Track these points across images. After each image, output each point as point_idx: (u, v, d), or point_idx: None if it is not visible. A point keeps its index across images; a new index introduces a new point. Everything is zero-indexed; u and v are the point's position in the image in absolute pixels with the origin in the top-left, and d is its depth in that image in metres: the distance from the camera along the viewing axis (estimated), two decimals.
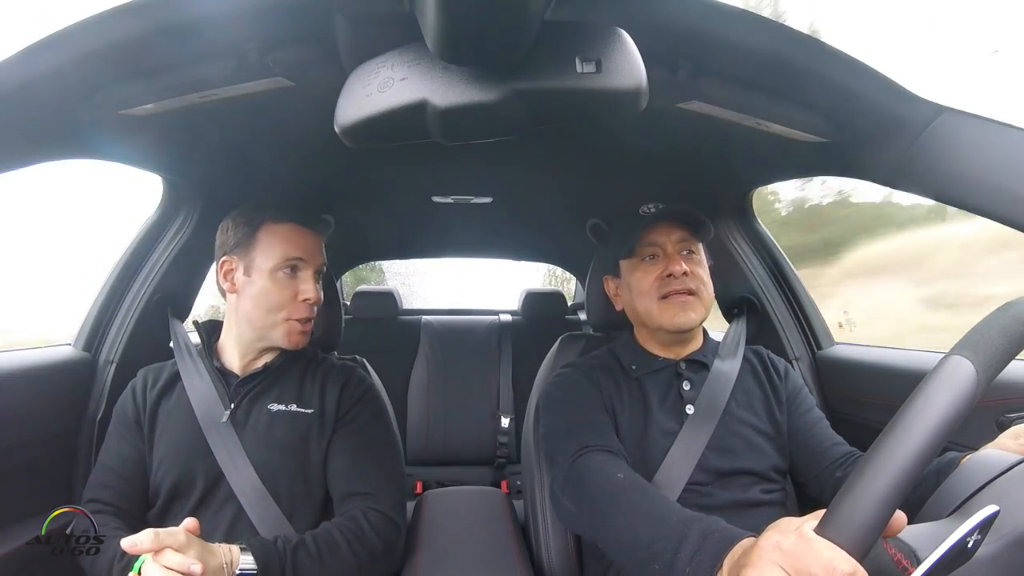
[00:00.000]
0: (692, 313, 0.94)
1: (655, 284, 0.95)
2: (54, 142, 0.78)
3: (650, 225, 0.96)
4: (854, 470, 0.37)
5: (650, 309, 0.96)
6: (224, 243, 0.98)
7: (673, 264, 0.94)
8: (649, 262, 0.97)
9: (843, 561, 0.34)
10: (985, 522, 0.37)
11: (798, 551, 0.36)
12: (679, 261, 0.94)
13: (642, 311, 0.98)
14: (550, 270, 4.90)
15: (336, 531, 0.86)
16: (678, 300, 0.94)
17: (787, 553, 0.37)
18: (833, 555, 0.35)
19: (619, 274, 1.05)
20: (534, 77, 0.50)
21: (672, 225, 0.97)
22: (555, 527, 1.05)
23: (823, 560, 0.35)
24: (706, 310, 0.97)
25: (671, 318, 0.94)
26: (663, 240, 0.97)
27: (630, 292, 1.00)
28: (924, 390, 0.37)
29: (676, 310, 0.94)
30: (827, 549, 0.35)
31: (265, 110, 0.83)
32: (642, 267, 0.98)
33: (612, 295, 1.08)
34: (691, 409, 0.94)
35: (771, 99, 0.73)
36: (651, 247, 0.97)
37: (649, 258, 0.97)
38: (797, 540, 0.37)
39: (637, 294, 0.98)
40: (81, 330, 1.20)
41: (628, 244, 0.98)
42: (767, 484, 0.92)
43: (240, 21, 0.60)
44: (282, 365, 1.00)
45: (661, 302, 0.95)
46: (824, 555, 0.35)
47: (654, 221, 0.96)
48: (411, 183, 1.39)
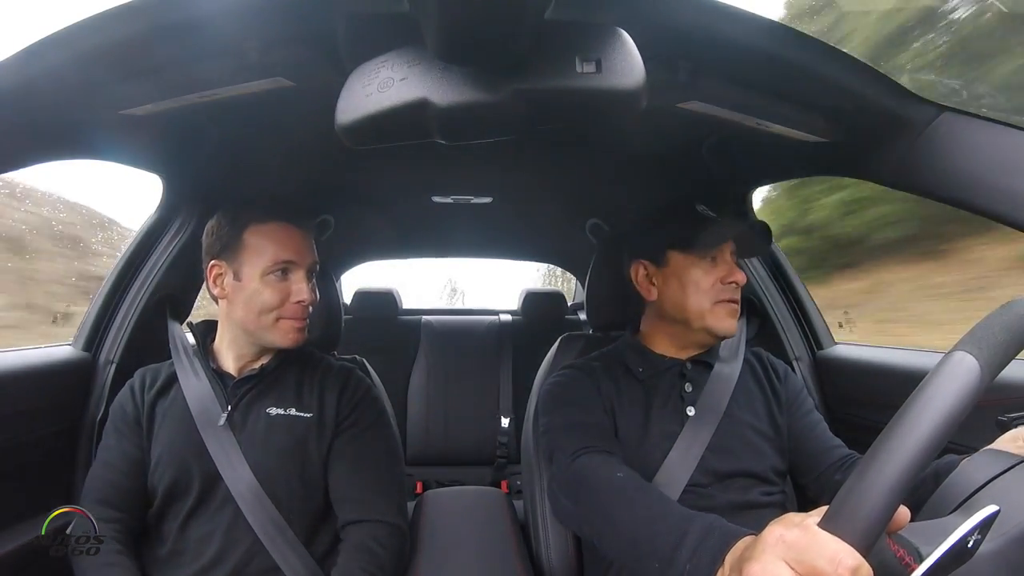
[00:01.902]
0: (736, 321, 0.96)
1: (714, 287, 0.95)
2: (54, 142, 0.78)
3: (719, 230, 0.96)
4: (859, 464, 0.37)
5: (702, 309, 0.95)
6: (211, 246, 0.96)
7: (736, 273, 0.95)
8: (711, 264, 0.96)
9: (848, 554, 0.34)
10: (985, 522, 0.37)
11: (802, 544, 0.36)
12: (740, 272, 0.95)
13: (692, 308, 0.95)
14: (550, 270, 4.90)
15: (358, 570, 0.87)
16: (730, 307, 0.95)
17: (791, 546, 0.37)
18: (838, 548, 0.35)
19: (663, 263, 0.99)
20: (534, 77, 0.50)
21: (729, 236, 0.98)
22: (555, 527, 1.05)
23: (827, 553, 0.35)
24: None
25: (720, 323, 0.94)
26: (724, 246, 0.97)
27: (681, 286, 0.97)
28: (929, 385, 0.37)
29: (726, 316, 0.94)
30: (832, 542, 0.35)
31: (265, 110, 0.83)
32: (702, 265, 0.96)
33: (642, 282, 1.02)
34: (692, 411, 0.94)
35: (771, 99, 0.74)
36: (717, 250, 0.97)
37: (711, 260, 0.96)
38: (801, 533, 0.37)
39: (693, 290, 0.95)
40: (81, 330, 1.20)
41: (694, 240, 0.96)
42: (767, 486, 0.93)
43: (240, 21, 0.60)
44: (279, 367, 0.99)
45: (715, 305, 0.95)
46: (829, 548, 0.35)
47: (723, 228, 0.96)
48: (411, 183, 1.39)
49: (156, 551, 0.92)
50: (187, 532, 0.91)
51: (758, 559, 0.38)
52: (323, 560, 0.93)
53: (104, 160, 0.92)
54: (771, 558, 0.37)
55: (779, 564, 0.37)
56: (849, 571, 0.34)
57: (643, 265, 1.02)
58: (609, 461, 0.82)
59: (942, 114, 0.66)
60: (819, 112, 0.75)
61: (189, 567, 0.89)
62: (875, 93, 0.67)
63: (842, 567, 0.34)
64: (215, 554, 0.89)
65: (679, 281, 0.97)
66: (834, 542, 0.35)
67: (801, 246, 4.15)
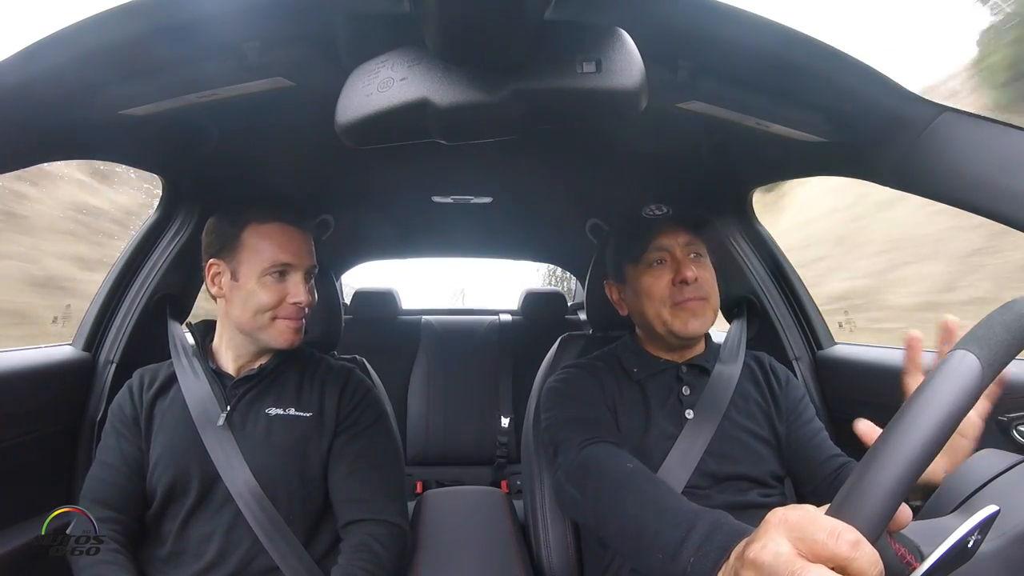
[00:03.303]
0: (704, 319, 0.93)
1: (667, 291, 0.93)
2: (54, 142, 0.78)
3: (658, 229, 0.95)
4: (860, 462, 0.37)
5: (661, 315, 0.94)
6: (209, 245, 0.96)
7: (685, 270, 0.91)
8: (658, 267, 0.94)
9: (848, 530, 0.35)
10: (985, 522, 0.37)
11: (804, 522, 0.37)
12: (690, 266, 0.92)
13: (652, 317, 0.95)
14: (550, 270, 4.90)
15: (358, 570, 0.86)
16: (690, 307, 0.92)
17: (793, 526, 0.37)
18: (838, 523, 0.35)
19: (622, 279, 1.01)
20: (534, 77, 0.50)
21: (678, 228, 0.95)
22: (555, 527, 1.05)
23: (828, 527, 0.35)
24: (715, 314, 0.96)
25: (683, 325, 0.92)
26: (671, 244, 0.94)
27: (637, 298, 0.97)
28: (931, 383, 0.37)
29: (688, 317, 0.92)
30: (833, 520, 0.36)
31: (265, 110, 0.83)
32: (651, 272, 0.95)
33: (615, 300, 1.05)
34: (691, 414, 0.94)
35: (771, 99, 0.73)
36: (659, 252, 0.94)
37: (658, 263, 0.95)
38: (803, 513, 0.38)
39: (647, 300, 0.95)
40: (81, 330, 1.20)
41: (635, 250, 0.96)
42: (765, 489, 0.92)
43: (240, 21, 0.60)
44: (278, 367, 0.99)
45: (673, 308, 0.93)
46: (829, 523, 0.35)
47: (663, 226, 0.94)
48: (411, 183, 1.39)
49: (156, 552, 0.92)
50: (187, 533, 0.91)
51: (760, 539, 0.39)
52: (323, 560, 0.93)
53: (104, 160, 0.93)
54: (773, 536, 0.38)
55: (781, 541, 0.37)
56: (849, 544, 0.34)
57: (611, 285, 1.06)
58: (618, 452, 0.82)
59: (942, 114, 0.66)
60: (819, 112, 0.75)
61: (189, 568, 0.89)
62: (875, 93, 0.67)
63: (841, 539, 0.34)
64: (215, 555, 0.89)
65: (635, 293, 0.98)
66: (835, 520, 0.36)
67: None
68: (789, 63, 0.65)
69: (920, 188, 0.71)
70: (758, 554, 0.38)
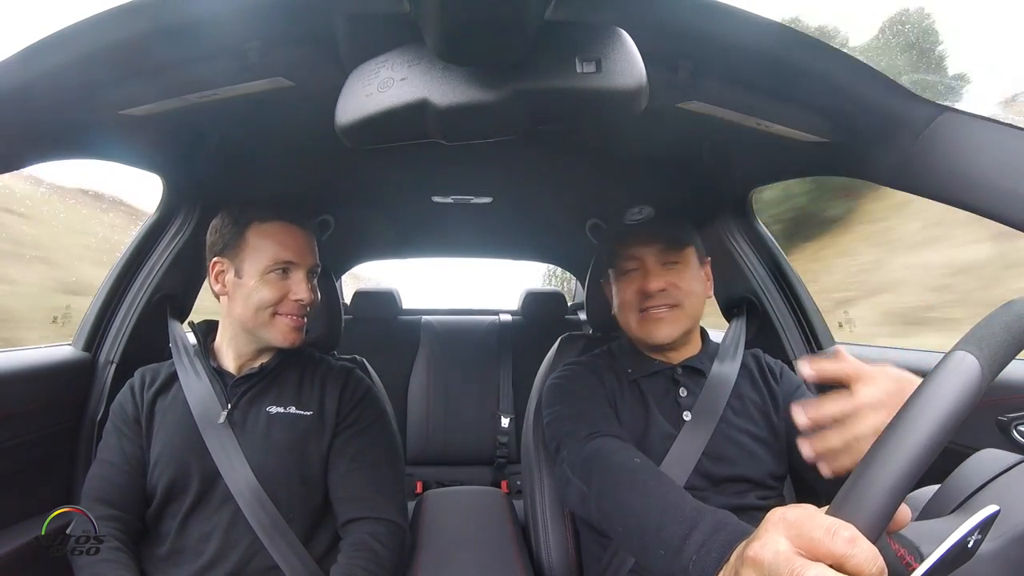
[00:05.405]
0: (670, 327, 0.94)
1: (635, 298, 0.95)
2: (54, 142, 0.78)
3: (634, 238, 0.96)
4: (860, 462, 0.37)
5: (629, 322, 0.98)
6: (214, 244, 0.98)
7: (649, 282, 0.93)
8: (630, 274, 0.97)
9: (845, 527, 0.35)
10: (985, 522, 0.37)
11: (802, 520, 0.37)
12: (656, 277, 0.93)
13: (622, 322, 1.00)
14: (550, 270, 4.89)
15: (358, 568, 0.86)
16: (655, 315, 0.94)
17: (791, 523, 0.38)
18: (835, 521, 0.36)
19: (606, 282, 1.06)
20: (534, 77, 0.50)
21: (653, 238, 0.96)
22: (555, 527, 1.05)
23: (825, 524, 0.36)
24: (690, 319, 0.97)
25: (648, 333, 0.95)
26: (643, 253, 0.96)
27: (615, 302, 1.02)
28: (931, 383, 0.37)
29: (651, 326, 0.94)
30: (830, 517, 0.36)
31: (265, 110, 0.83)
32: (624, 279, 0.98)
33: (609, 298, 1.08)
34: (688, 416, 0.94)
35: (771, 99, 0.73)
36: (632, 260, 0.96)
37: (632, 271, 0.97)
38: (802, 512, 0.38)
39: (618, 305, 1.00)
40: (81, 330, 1.20)
41: (613, 257, 1.00)
42: (763, 491, 0.92)
43: (240, 21, 0.60)
44: (279, 366, 1.00)
45: (640, 315, 0.95)
46: (827, 520, 0.36)
47: (639, 235, 0.96)
48: (411, 183, 1.39)
49: (156, 550, 0.92)
50: (186, 531, 0.91)
51: (760, 537, 0.39)
52: (322, 559, 0.93)
53: (104, 160, 0.92)
54: (773, 534, 0.38)
55: (780, 539, 0.37)
56: (845, 541, 0.34)
57: (605, 285, 1.09)
58: (624, 446, 0.83)
59: (942, 114, 0.66)
60: (819, 112, 0.75)
61: (188, 566, 0.89)
62: (875, 93, 0.67)
63: (838, 536, 0.34)
64: (214, 553, 0.89)
65: (614, 297, 1.02)
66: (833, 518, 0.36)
67: None
68: (789, 63, 0.65)
69: (920, 188, 0.71)
70: (758, 552, 0.38)
